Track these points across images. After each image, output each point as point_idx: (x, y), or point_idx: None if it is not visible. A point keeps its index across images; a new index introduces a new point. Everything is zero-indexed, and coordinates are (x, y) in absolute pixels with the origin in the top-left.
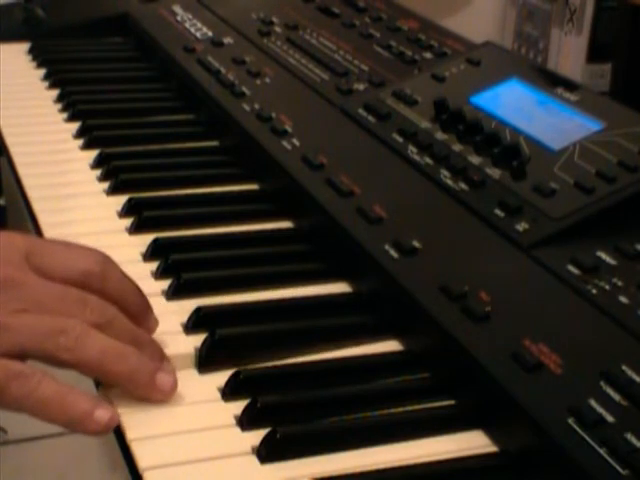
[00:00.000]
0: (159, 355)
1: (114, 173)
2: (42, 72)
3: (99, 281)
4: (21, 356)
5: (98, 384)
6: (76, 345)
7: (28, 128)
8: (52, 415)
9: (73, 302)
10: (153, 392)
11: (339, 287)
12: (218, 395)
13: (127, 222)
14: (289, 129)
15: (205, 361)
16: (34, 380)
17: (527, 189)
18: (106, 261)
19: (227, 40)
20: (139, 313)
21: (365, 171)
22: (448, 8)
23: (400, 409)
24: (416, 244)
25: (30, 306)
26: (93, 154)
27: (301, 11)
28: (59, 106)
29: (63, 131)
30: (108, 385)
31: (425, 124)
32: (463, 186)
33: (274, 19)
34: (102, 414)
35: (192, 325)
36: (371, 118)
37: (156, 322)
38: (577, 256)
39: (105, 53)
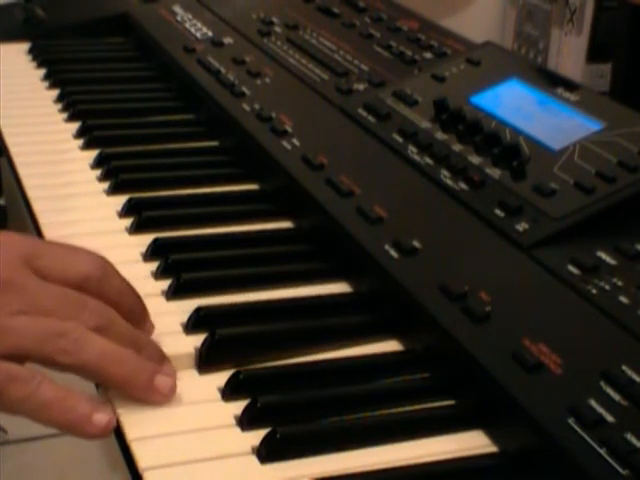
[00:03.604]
0: (158, 356)
1: (114, 173)
2: (42, 72)
3: (98, 285)
4: (20, 358)
5: (98, 385)
6: (75, 348)
7: (28, 128)
8: (51, 418)
9: (72, 304)
10: (152, 395)
11: (339, 287)
12: (218, 395)
13: (127, 222)
14: (289, 129)
15: (205, 361)
16: (33, 383)
17: (527, 189)
18: (106, 265)
19: (227, 40)
20: (135, 318)
21: (365, 171)
22: (448, 8)
23: (400, 409)
24: (416, 244)
25: (29, 308)
26: (93, 154)
27: (301, 11)
28: (59, 106)
29: (63, 131)
30: (107, 388)
31: (425, 124)
32: (463, 186)
33: (274, 19)
34: (100, 418)
35: (192, 325)
36: (371, 118)
37: (152, 327)
38: (577, 256)
39: (105, 53)
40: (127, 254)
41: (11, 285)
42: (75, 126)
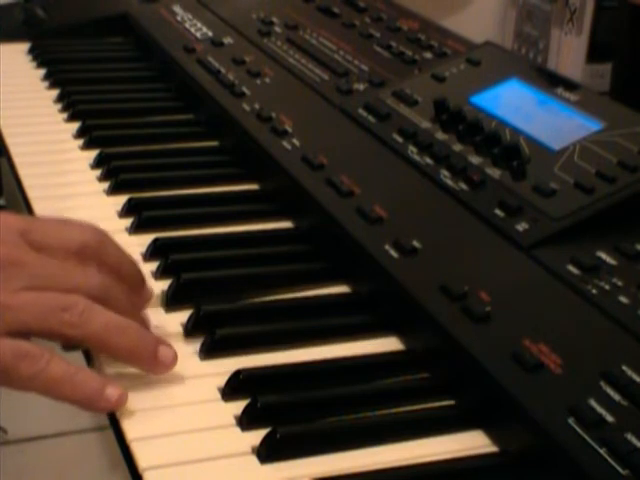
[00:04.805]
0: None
1: (114, 173)
2: (42, 72)
3: (96, 254)
4: (26, 334)
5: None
6: (80, 321)
7: (28, 128)
8: (63, 394)
9: (71, 272)
10: (155, 365)
11: (339, 287)
12: (218, 395)
13: (127, 222)
14: (289, 129)
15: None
16: (43, 360)
17: (527, 189)
18: (102, 234)
19: (227, 40)
20: (135, 285)
21: (365, 171)
22: (448, 8)
23: (400, 409)
24: (416, 244)
25: (30, 282)
26: (93, 154)
27: (301, 11)
28: (59, 106)
29: (63, 131)
30: (112, 358)
31: (425, 124)
32: (463, 186)
33: (274, 19)
34: (112, 392)
35: (192, 325)
36: (371, 118)
37: (151, 293)
38: (577, 256)
39: (105, 53)
40: None
41: (11, 261)
42: (75, 126)
